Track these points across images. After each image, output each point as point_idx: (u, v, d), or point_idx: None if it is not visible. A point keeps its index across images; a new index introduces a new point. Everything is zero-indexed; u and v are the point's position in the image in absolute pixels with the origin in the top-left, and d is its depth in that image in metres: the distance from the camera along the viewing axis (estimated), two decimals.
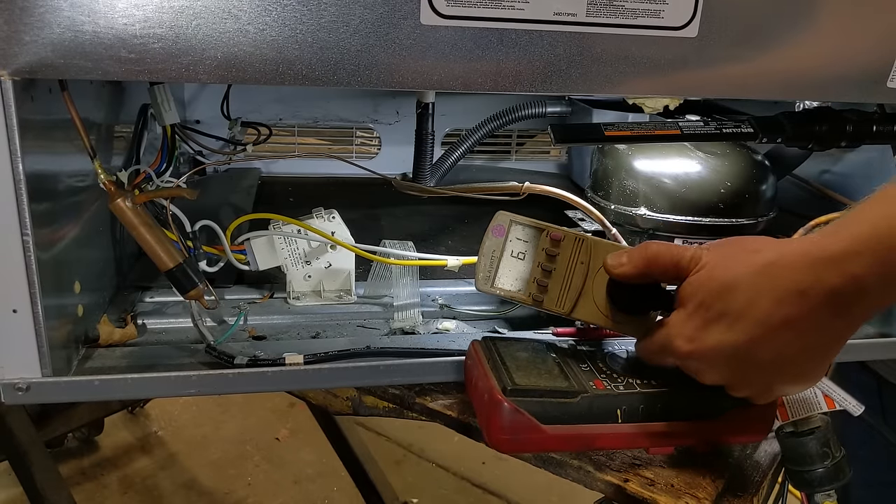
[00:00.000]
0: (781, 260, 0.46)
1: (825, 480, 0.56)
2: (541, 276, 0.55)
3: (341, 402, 0.70)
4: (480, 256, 0.56)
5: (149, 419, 2.02)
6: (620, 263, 0.52)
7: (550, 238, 0.55)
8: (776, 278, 0.45)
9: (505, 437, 0.51)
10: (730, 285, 0.46)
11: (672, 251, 0.51)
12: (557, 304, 0.54)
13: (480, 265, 0.56)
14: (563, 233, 0.55)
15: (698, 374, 0.50)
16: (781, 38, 0.57)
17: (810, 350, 0.47)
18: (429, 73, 0.52)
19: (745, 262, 0.47)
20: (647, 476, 0.58)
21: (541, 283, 0.55)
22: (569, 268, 0.54)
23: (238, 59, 0.49)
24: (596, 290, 0.54)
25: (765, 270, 0.46)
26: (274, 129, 0.97)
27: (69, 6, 0.46)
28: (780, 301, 0.45)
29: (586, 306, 0.54)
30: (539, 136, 1.20)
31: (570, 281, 0.54)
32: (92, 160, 0.57)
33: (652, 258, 0.51)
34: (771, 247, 0.47)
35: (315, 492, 1.83)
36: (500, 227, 0.56)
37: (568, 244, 0.55)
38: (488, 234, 0.56)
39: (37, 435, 1.23)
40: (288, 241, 0.69)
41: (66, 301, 0.57)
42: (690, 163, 0.77)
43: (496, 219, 0.56)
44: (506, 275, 0.56)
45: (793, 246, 0.46)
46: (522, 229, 0.56)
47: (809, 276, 0.44)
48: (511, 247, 0.56)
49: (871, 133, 0.71)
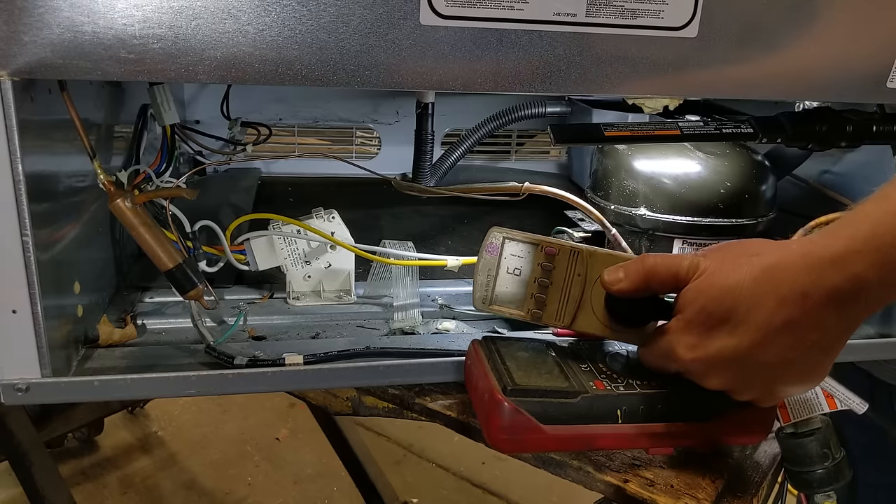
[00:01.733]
0: (782, 262, 0.45)
1: (825, 481, 0.56)
2: (538, 290, 0.54)
3: (341, 402, 0.70)
4: (476, 275, 0.55)
5: (149, 419, 2.02)
6: (618, 279, 0.52)
7: (545, 252, 0.54)
8: (777, 281, 0.45)
9: (505, 437, 0.51)
10: (730, 290, 0.46)
11: (669, 263, 0.50)
12: (556, 318, 0.54)
13: (477, 284, 0.55)
14: (557, 246, 0.54)
15: (701, 379, 0.50)
16: (781, 39, 0.57)
17: (813, 350, 0.47)
18: (428, 73, 0.52)
19: (745, 265, 0.46)
20: (647, 476, 0.58)
21: (538, 299, 0.54)
22: (566, 281, 0.54)
23: (237, 59, 0.49)
24: (594, 301, 0.54)
25: (765, 274, 0.46)
26: (274, 129, 0.97)
27: (68, 7, 0.46)
28: (782, 303, 0.45)
29: (586, 318, 0.54)
30: (539, 136, 1.20)
31: (568, 294, 0.54)
32: (91, 160, 0.57)
33: (649, 272, 0.51)
34: (771, 250, 0.47)
35: (315, 492, 1.83)
36: (494, 246, 0.55)
37: (563, 257, 0.54)
38: (482, 253, 0.55)
39: (37, 435, 1.23)
40: (288, 241, 0.69)
41: (65, 301, 0.57)
42: (690, 163, 0.77)
43: (489, 237, 0.55)
44: (503, 293, 0.55)
45: (793, 248, 0.46)
46: (517, 245, 0.55)
47: (811, 277, 0.44)
48: (506, 264, 0.55)
49: (871, 133, 0.71)
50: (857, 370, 0.90)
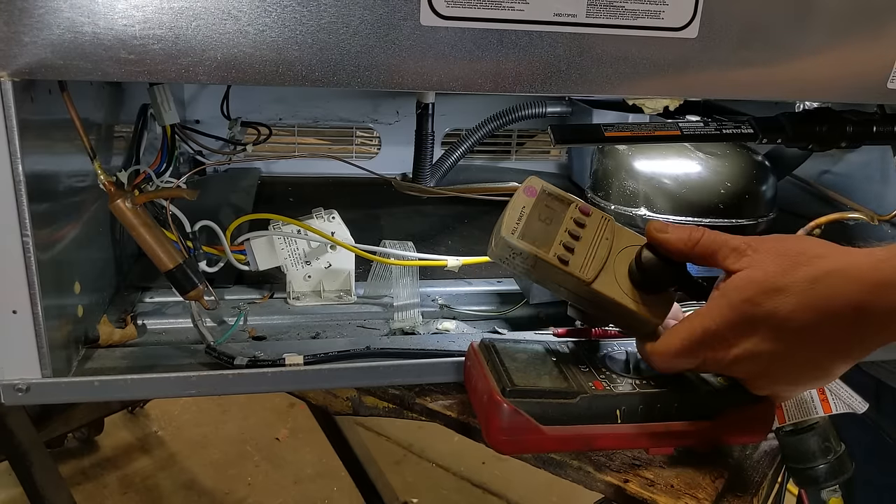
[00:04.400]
0: (843, 271, 0.44)
1: (829, 476, 0.56)
2: (568, 240, 0.54)
3: (341, 402, 0.70)
4: (508, 210, 0.54)
5: (149, 419, 2.02)
6: (664, 228, 0.51)
7: (580, 209, 0.55)
8: (834, 289, 0.44)
9: (504, 438, 0.51)
10: (783, 288, 0.45)
11: (717, 237, 0.49)
12: (582, 270, 0.53)
13: (508, 217, 0.54)
14: (591, 209, 0.55)
15: (725, 368, 0.49)
16: (781, 39, 0.57)
17: (840, 358, 0.47)
18: (429, 73, 0.52)
19: (804, 266, 0.45)
20: (647, 476, 0.58)
21: (567, 245, 0.54)
22: (595, 239, 0.54)
23: (238, 59, 0.49)
24: (618, 267, 0.54)
25: (824, 279, 0.44)
26: (274, 129, 0.97)
27: (69, 7, 0.46)
28: (831, 314, 0.44)
29: (607, 279, 0.53)
30: (539, 136, 1.20)
31: (595, 251, 0.54)
32: (92, 161, 0.57)
33: (694, 239, 0.50)
34: (835, 255, 0.45)
35: (315, 492, 1.83)
36: (532, 189, 0.55)
37: (595, 219, 0.55)
38: (519, 193, 0.55)
39: (37, 435, 1.23)
40: (288, 241, 0.69)
41: (65, 301, 0.57)
42: (690, 163, 0.77)
43: (528, 181, 0.55)
44: (532, 230, 0.54)
45: (861, 259, 0.44)
46: (552, 198, 0.55)
47: (870, 295, 0.43)
48: (539, 210, 0.55)
49: (871, 134, 0.71)
50: (862, 372, 0.90)
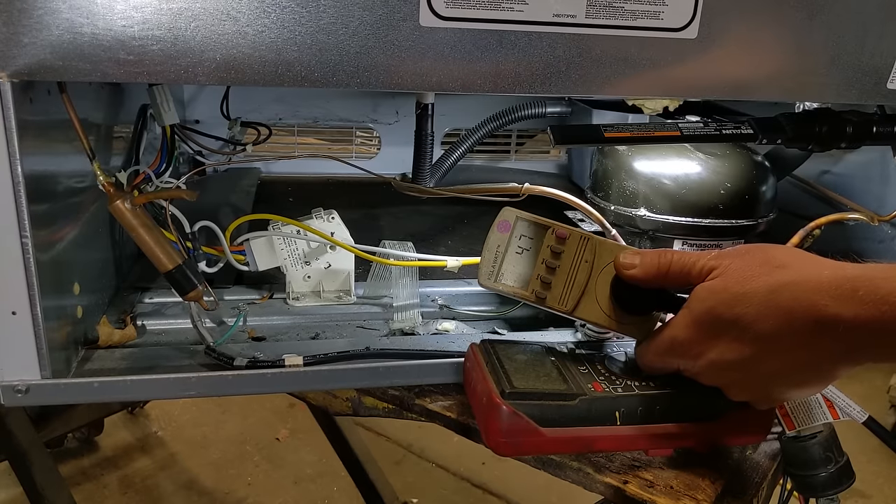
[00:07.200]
0: (805, 283, 0.44)
1: (829, 485, 0.56)
2: (545, 273, 0.55)
3: (341, 402, 0.70)
4: (484, 251, 0.56)
5: (149, 419, 2.02)
6: (632, 265, 0.52)
7: (556, 236, 0.55)
8: (794, 299, 0.44)
9: (503, 440, 0.51)
10: (743, 297, 0.46)
11: (685, 260, 0.50)
12: (560, 302, 0.54)
13: (484, 260, 0.56)
14: (568, 231, 0.55)
15: (698, 376, 0.50)
16: (781, 40, 0.57)
17: (810, 370, 0.46)
18: (428, 74, 0.52)
19: (765, 275, 0.45)
20: (647, 478, 0.58)
21: (544, 281, 0.54)
22: (573, 266, 0.54)
23: (237, 60, 0.49)
24: (599, 290, 0.54)
25: (784, 289, 0.44)
26: (274, 129, 0.97)
27: (68, 8, 0.46)
28: (791, 323, 0.44)
29: (589, 305, 0.54)
30: (539, 136, 1.20)
31: (574, 279, 0.54)
32: (91, 161, 0.57)
33: (664, 266, 0.50)
34: (798, 266, 0.45)
35: (315, 492, 1.82)
36: (506, 223, 0.56)
37: (573, 242, 0.54)
38: (493, 230, 0.56)
39: (37, 435, 1.23)
40: (287, 241, 0.69)
41: (65, 302, 0.57)
42: (690, 164, 0.77)
43: (502, 214, 0.56)
44: (509, 271, 0.55)
45: (823, 273, 0.44)
46: (528, 226, 0.56)
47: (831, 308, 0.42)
48: (516, 243, 0.55)
49: (871, 134, 0.71)
50: None
